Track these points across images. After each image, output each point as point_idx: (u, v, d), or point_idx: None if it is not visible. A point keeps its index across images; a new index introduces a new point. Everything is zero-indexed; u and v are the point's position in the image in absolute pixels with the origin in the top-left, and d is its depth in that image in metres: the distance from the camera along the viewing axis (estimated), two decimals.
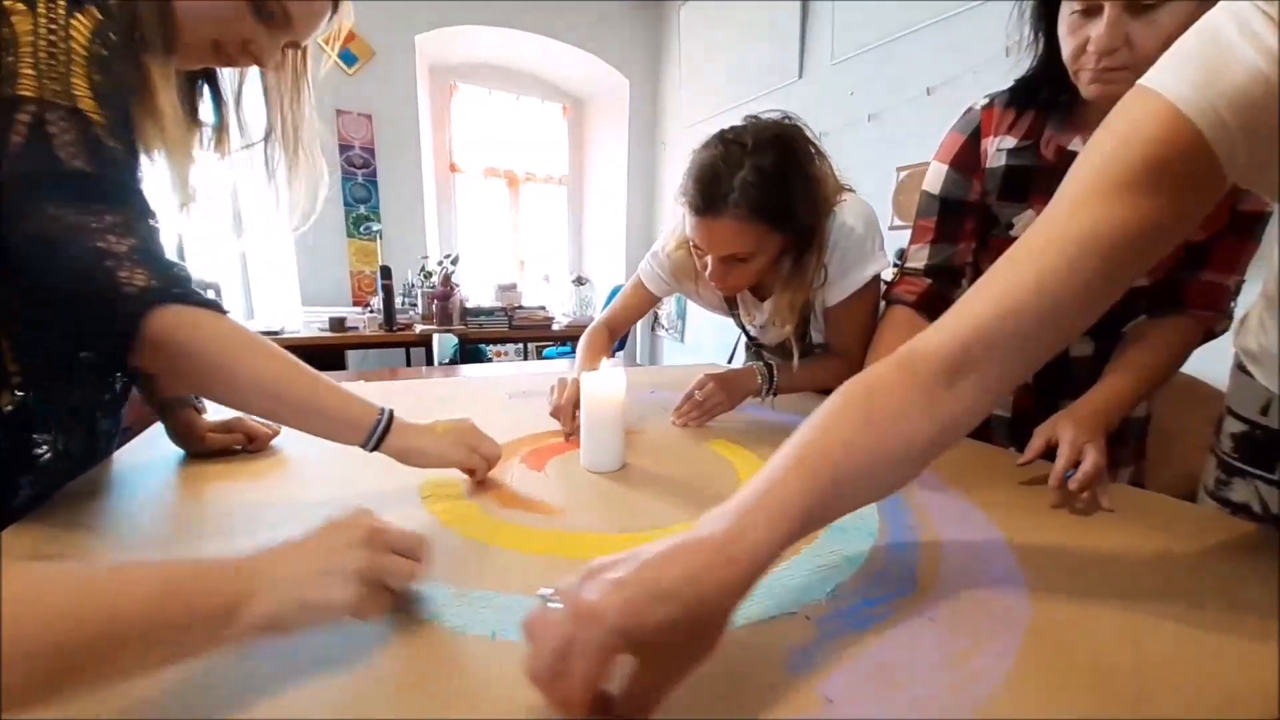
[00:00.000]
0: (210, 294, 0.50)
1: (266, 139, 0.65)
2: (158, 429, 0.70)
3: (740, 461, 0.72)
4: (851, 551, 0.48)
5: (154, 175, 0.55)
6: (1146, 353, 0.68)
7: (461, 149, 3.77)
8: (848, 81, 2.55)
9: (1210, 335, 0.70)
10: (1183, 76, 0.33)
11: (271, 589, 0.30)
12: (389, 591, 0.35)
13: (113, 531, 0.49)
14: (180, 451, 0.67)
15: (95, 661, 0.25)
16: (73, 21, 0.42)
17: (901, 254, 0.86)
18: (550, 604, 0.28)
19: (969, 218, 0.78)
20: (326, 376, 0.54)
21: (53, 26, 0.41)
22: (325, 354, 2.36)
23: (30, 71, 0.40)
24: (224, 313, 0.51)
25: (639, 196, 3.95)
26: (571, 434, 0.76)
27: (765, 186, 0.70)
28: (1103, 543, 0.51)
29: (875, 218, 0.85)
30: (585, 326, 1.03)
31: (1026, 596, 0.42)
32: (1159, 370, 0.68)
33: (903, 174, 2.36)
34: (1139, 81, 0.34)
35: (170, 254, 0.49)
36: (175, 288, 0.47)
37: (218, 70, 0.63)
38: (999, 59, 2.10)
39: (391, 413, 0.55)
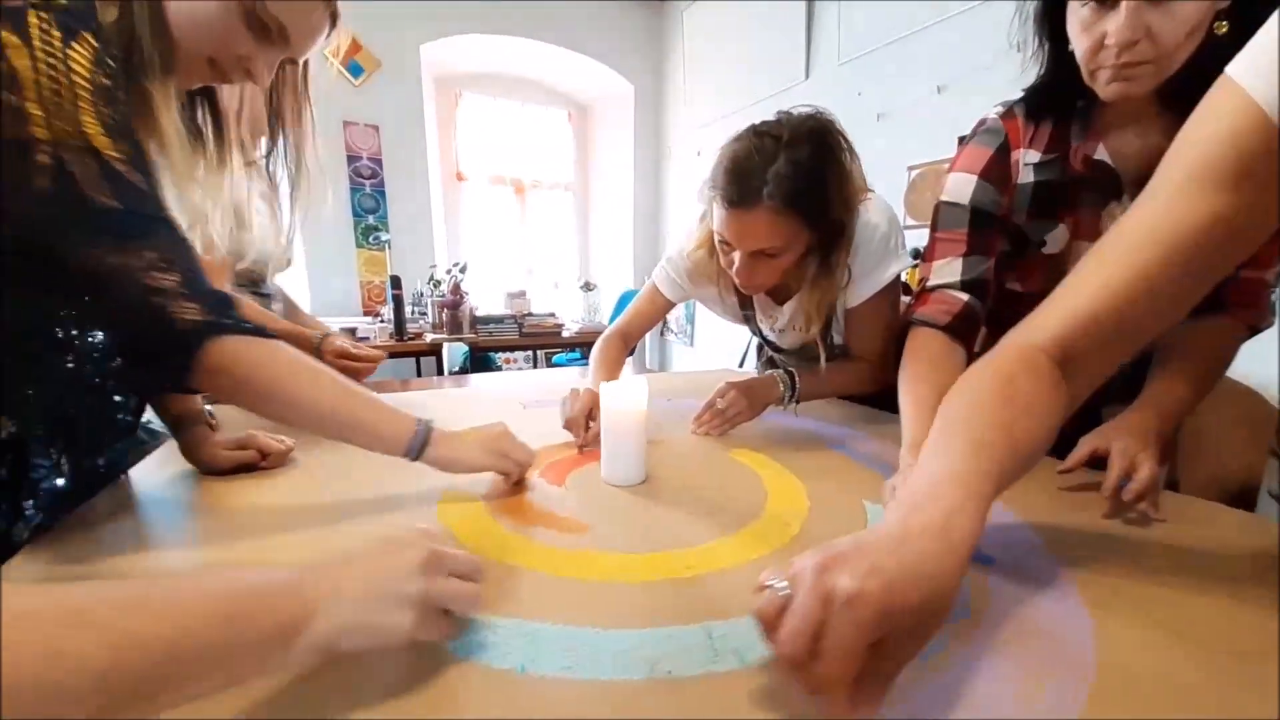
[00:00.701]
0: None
1: (268, 157, 0.65)
2: (171, 447, 0.69)
3: (765, 470, 0.69)
4: None
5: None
6: (1194, 356, 0.64)
7: (467, 157, 3.78)
8: (855, 81, 2.53)
9: (1254, 331, 0.67)
10: (1262, 72, 0.32)
11: (333, 609, 0.30)
12: (448, 616, 0.34)
13: (130, 553, 0.48)
14: (194, 469, 0.65)
15: (159, 686, 0.24)
16: (70, 53, 0.41)
17: (917, 255, 0.84)
18: (780, 593, 0.29)
19: (998, 233, 0.73)
20: (370, 392, 0.56)
21: (51, 61, 0.40)
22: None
23: (37, 111, 0.39)
24: (271, 337, 0.53)
25: (645, 200, 3.94)
26: (585, 446, 0.74)
27: (800, 179, 0.68)
28: (1153, 552, 0.49)
29: (896, 216, 0.83)
30: (595, 332, 1.02)
31: (1086, 618, 0.39)
32: (1208, 374, 0.65)
33: (914, 172, 2.33)
34: (1226, 71, 0.32)
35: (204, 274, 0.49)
36: (225, 318, 0.50)
37: (217, 89, 0.62)
38: (1010, 55, 2.07)
39: (430, 424, 0.57)
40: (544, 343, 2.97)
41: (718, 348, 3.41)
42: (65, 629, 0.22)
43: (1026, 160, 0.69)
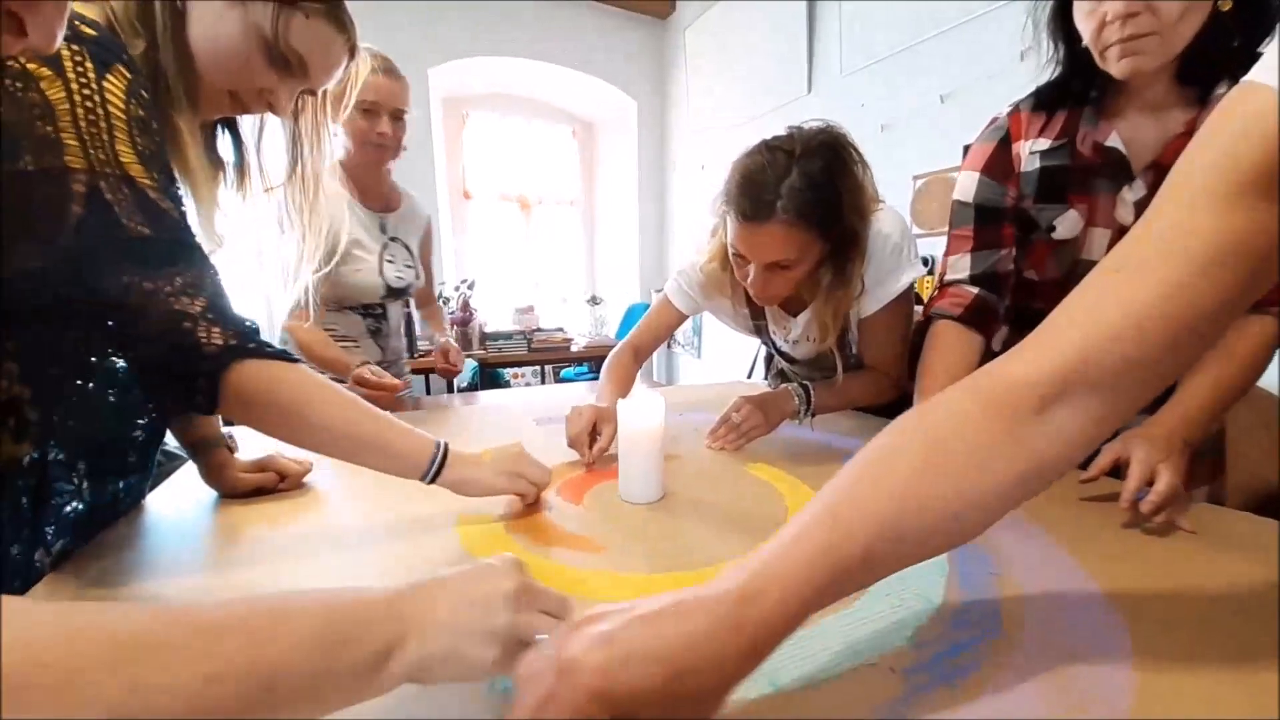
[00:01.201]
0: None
1: (288, 183, 0.66)
2: (189, 470, 0.70)
3: (784, 486, 0.68)
4: (923, 587, 0.45)
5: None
6: (1224, 360, 0.62)
7: (474, 175, 3.83)
8: (858, 93, 2.54)
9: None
10: None
11: (424, 633, 0.28)
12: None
13: (153, 579, 0.48)
14: (213, 492, 0.66)
15: (260, 715, 0.23)
16: (105, 84, 0.42)
17: (928, 263, 0.84)
18: (544, 652, 0.27)
19: (1006, 223, 0.75)
20: (389, 415, 0.57)
21: (86, 92, 0.40)
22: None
23: (73, 141, 0.40)
24: (295, 361, 0.54)
25: (649, 214, 3.97)
26: (593, 463, 0.74)
27: (813, 192, 0.69)
28: (1188, 568, 0.48)
29: (908, 226, 0.83)
30: (603, 346, 1.03)
31: (1124, 638, 0.38)
32: (1241, 378, 0.62)
33: (919, 182, 2.33)
34: (1245, 78, 0.31)
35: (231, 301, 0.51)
36: (250, 343, 0.51)
37: (238, 118, 0.63)
38: (1012, 64, 2.08)
39: (446, 446, 0.57)
40: (552, 358, 2.98)
41: (725, 360, 3.40)
42: (153, 658, 0.21)
43: (1032, 149, 0.71)
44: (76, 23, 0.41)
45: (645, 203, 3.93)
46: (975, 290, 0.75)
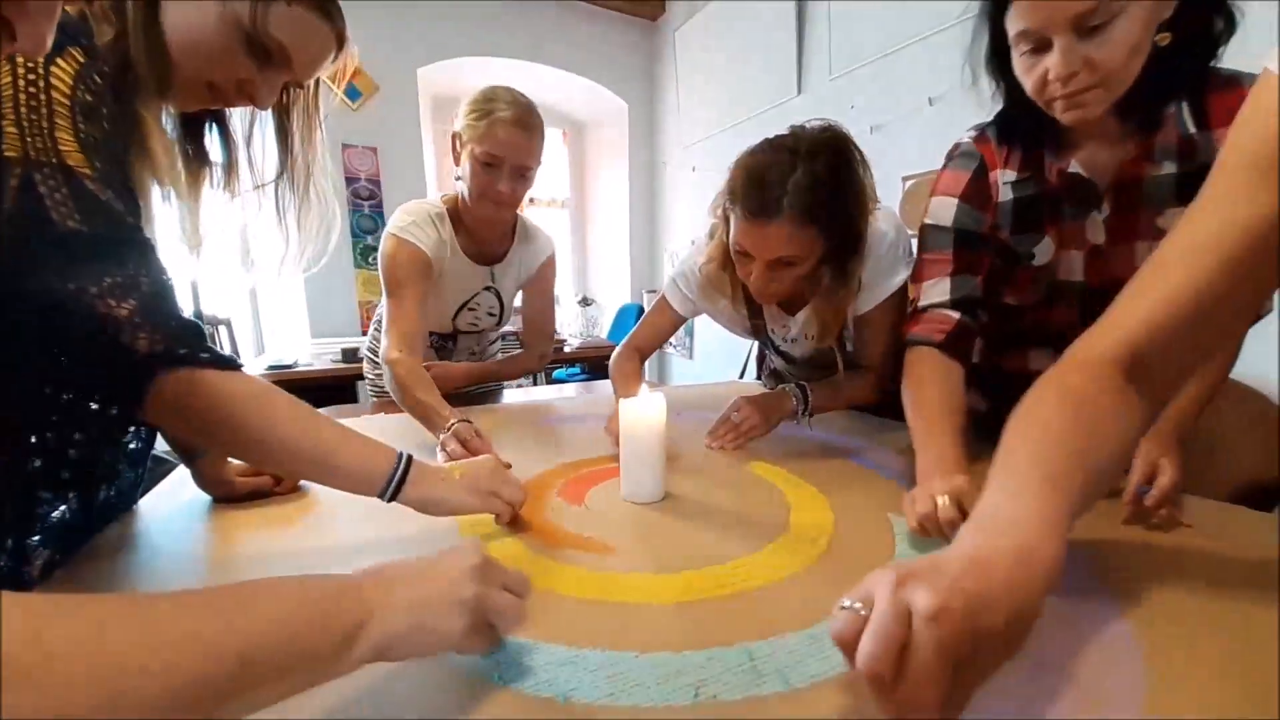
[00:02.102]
0: (221, 331, 0.48)
1: (278, 180, 0.63)
2: (181, 474, 0.68)
3: (784, 484, 0.69)
4: None
5: (165, 216, 0.54)
6: None
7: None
8: (848, 95, 2.56)
9: (1256, 319, 0.68)
10: None
11: (388, 613, 0.30)
12: (494, 630, 0.34)
13: (149, 585, 0.47)
14: (207, 497, 0.64)
15: (228, 695, 0.24)
16: (53, 69, 0.39)
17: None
18: (859, 613, 0.27)
19: (984, 251, 0.74)
20: (348, 425, 0.53)
21: (31, 77, 0.38)
22: (338, 386, 2.35)
23: (12, 130, 0.38)
24: (236, 368, 0.50)
25: (641, 216, 3.97)
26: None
27: (819, 191, 0.70)
28: (1187, 561, 0.48)
29: (903, 225, 0.84)
30: (595, 346, 1.03)
31: (1129, 634, 0.39)
32: (1221, 374, 0.65)
33: (909, 183, 2.35)
34: (1266, 65, 0.32)
35: (180, 304, 0.47)
36: (181, 348, 0.47)
37: (227, 111, 0.61)
38: None
39: (409, 461, 0.52)
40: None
41: (717, 360, 3.41)
42: (142, 640, 0.22)
43: (1004, 180, 0.71)
44: None
45: (636, 204, 3.93)
46: (957, 315, 0.72)
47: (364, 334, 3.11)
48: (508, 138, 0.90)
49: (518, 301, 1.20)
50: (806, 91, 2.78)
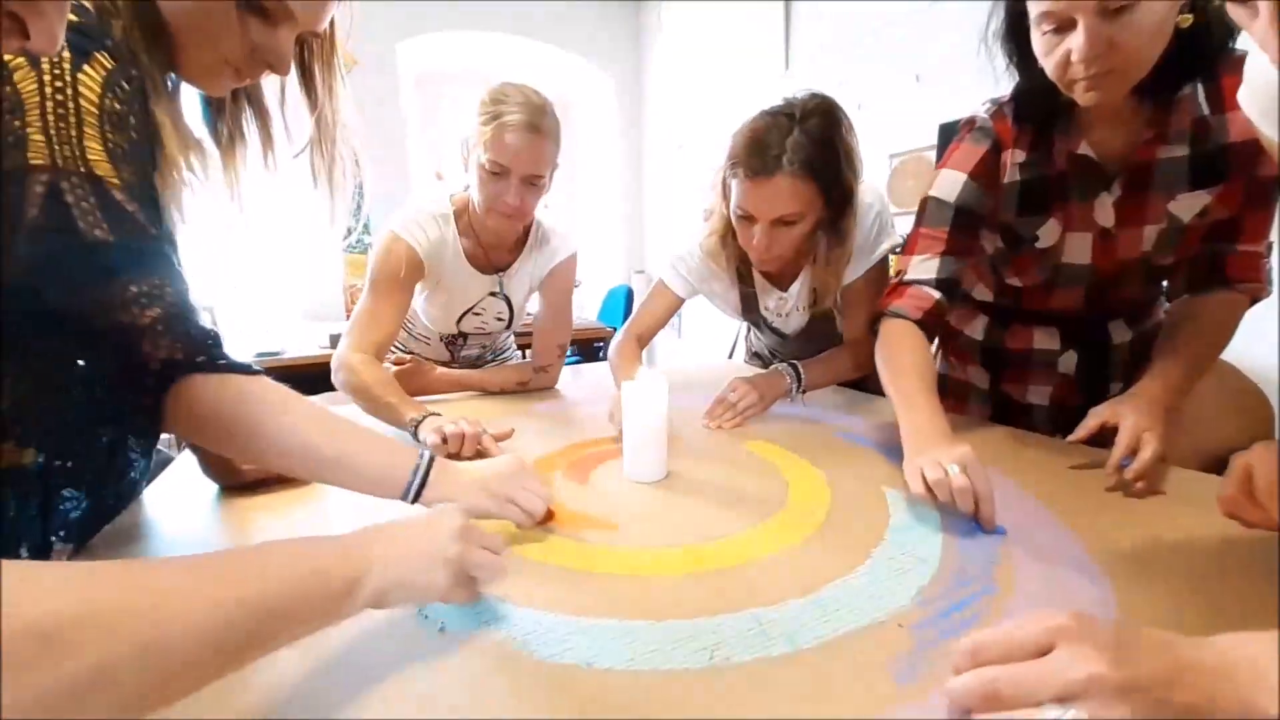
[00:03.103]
0: (208, 318, 0.49)
1: (310, 144, 0.60)
2: (186, 461, 0.69)
3: (781, 461, 0.71)
4: (923, 551, 0.48)
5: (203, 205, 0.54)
6: (1199, 332, 0.68)
7: (448, 156, 3.73)
8: (835, 72, 2.55)
9: (1254, 302, 0.71)
10: None
11: (381, 567, 0.34)
12: (475, 583, 0.39)
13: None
14: (213, 485, 0.65)
15: (255, 641, 0.28)
16: (80, 76, 0.39)
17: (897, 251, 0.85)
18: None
19: (980, 233, 0.75)
20: (362, 427, 0.53)
21: (58, 85, 0.38)
22: (327, 372, 2.32)
23: (39, 137, 0.37)
24: (255, 374, 0.51)
25: (628, 194, 3.94)
26: None
27: (815, 148, 0.74)
28: (1163, 525, 0.52)
29: (884, 195, 0.90)
30: (584, 329, 1.03)
31: (1109, 590, 0.42)
32: (1213, 347, 0.68)
33: (895, 161, 2.36)
34: None
35: (199, 311, 0.48)
36: (200, 355, 0.47)
37: (258, 88, 0.58)
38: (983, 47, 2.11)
39: (431, 461, 0.52)
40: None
41: (706, 340, 3.43)
42: (177, 599, 0.26)
43: (1014, 160, 0.71)
44: None
45: (623, 181, 3.90)
46: (937, 295, 0.73)
47: (349, 318, 3.07)
48: (516, 145, 0.84)
49: (532, 304, 1.14)
50: (794, 68, 2.76)
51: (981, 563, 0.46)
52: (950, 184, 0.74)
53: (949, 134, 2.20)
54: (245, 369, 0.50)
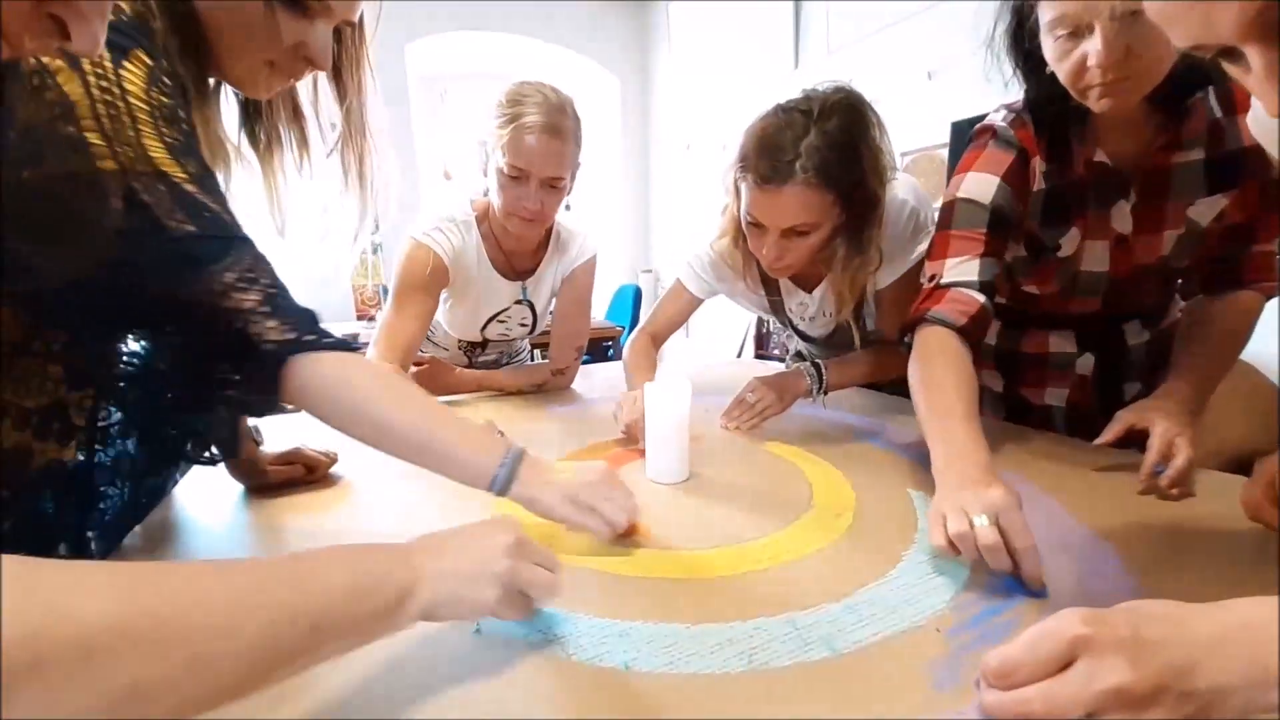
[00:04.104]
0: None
1: (340, 141, 0.60)
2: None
3: (803, 463, 0.71)
4: (952, 572, 0.47)
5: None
6: (1218, 333, 0.68)
7: (455, 155, 3.74)
8: (845, 71, 2.52)
9: (1268, 299, 0.70)
10: None
11: (432, 580, 0.33)
12: (528, 599, 0.38)
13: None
14: (239, 486, 0.65)
15: (304, 652, 0.27)
16: (123, 74, 0.39)
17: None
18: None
19: (1011, 238, 0.72)
20: (460, 417, 0.54)
21: (104, 84, 0.37)
22: None
23: (99, 141, 0.38)
24: (357, 350, 0.52)
25: (634, 194, 3.94)
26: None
27: (833, 152, 0.67)
28: (1191, 527, 0.52)
29: (924, 193, 0.83)
30: (593, 330, 1.01)
31: (1140, 593, 0.41)
32: (1233, 347, 0.68)
33: (907, 159, 2.35)
34: None
35: (288, 290, 0.48)
36: (309, 334, 0.48)
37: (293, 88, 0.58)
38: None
39: (520, 455, 0.51)
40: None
41: (714, 338, 3.43)
42: (225, 607, 0.25)
43: (1039, 169, 0.70)
44: None
45: (629, 183, 3.90)
46: (982, 299, 0.66)
47: (359, 318, 3.09)
48: (535, 147, 0.82)
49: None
50: (804, 67, 2.75)
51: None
52: (983, 186, 0.69)
53: (961, 132, 2.19)
54: (349, 346, 0.52)
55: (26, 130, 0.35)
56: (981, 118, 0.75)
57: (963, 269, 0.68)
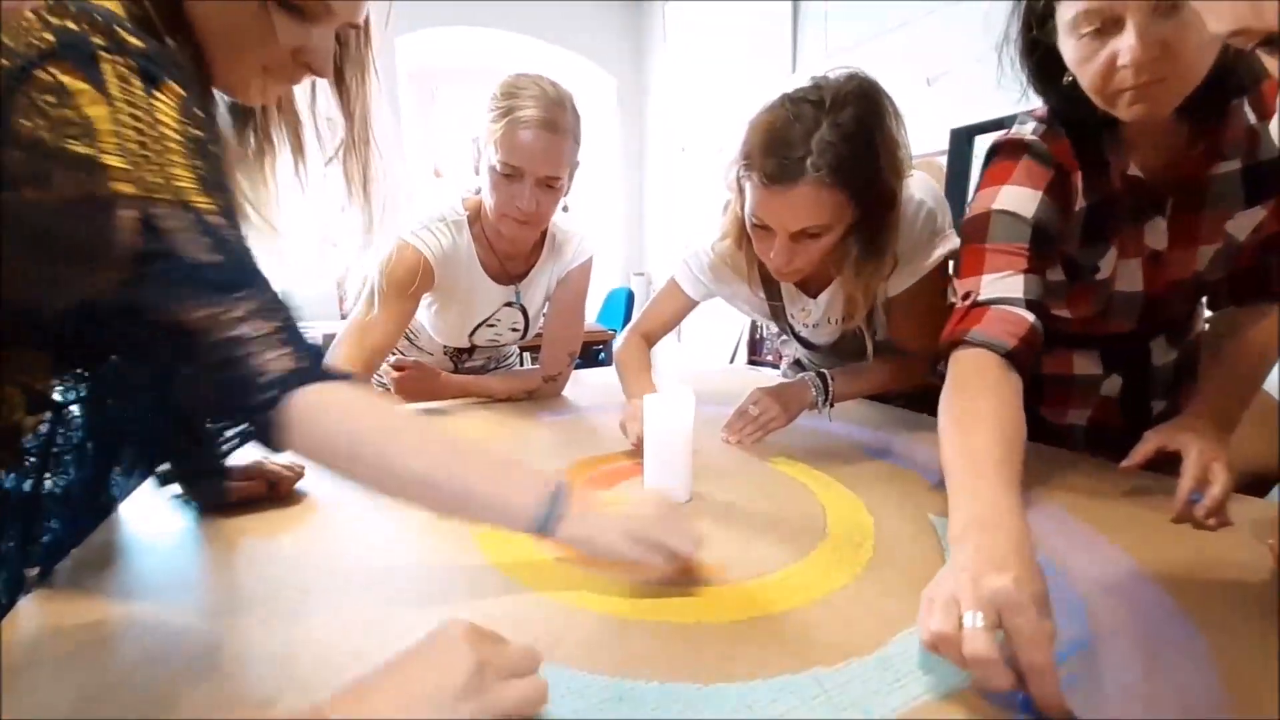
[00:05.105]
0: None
1: (342, 148, 0.56)
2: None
3: (812, 482, 0.66)
4: None
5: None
6: (1249, 348, 0.64)
7: (446, 153, 3.67)
8: None
9: None
10: None
11: None
12: None
13: (135, 604, 0.42)
14: (194, 502, 0.59)
15: None
16: (155, 103, 0.36)
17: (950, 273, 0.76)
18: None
19: (1053, 258, 0.65)
20: (489, 451, 0.47)
21: (135, 111, 0.35)
22: None
23: (120, 164, 0.34)
24: (360, 383, 0.46)
25: (628, 195, 3.90)
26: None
27: (847, 146, 0.61)
28: (1230, 555, 0.47)
29: (941, 193, 0.78)
30: (585, 331, 0.96)
31: (1195, 634, 0.37)
32: (1265, 363, 0.64)
33: None
34: None
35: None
36: (315, 364, 0.43)
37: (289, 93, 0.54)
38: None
39: (563, 488, 0.44)
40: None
41: (705, 343, 3.38)
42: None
43: (1078, 185, 0.64)
44: (120, 30, 0.35)
45: (622, 184, 3.86)
46: (1031, 318, 0.58)
47: (343, 317, 3.01)
48: (531, 144, 0.76)
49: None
50: (801, 71, 2.73)
51: (1060, 605, 0.41)
52: (1024, 200, 0.62)
53: (960, 139, 2.17)
54: (349, 377, 0.46)
55: (31, 146, 0.32)
56: (982, 124, 0.70)
57: (1005, 285, 0.60)
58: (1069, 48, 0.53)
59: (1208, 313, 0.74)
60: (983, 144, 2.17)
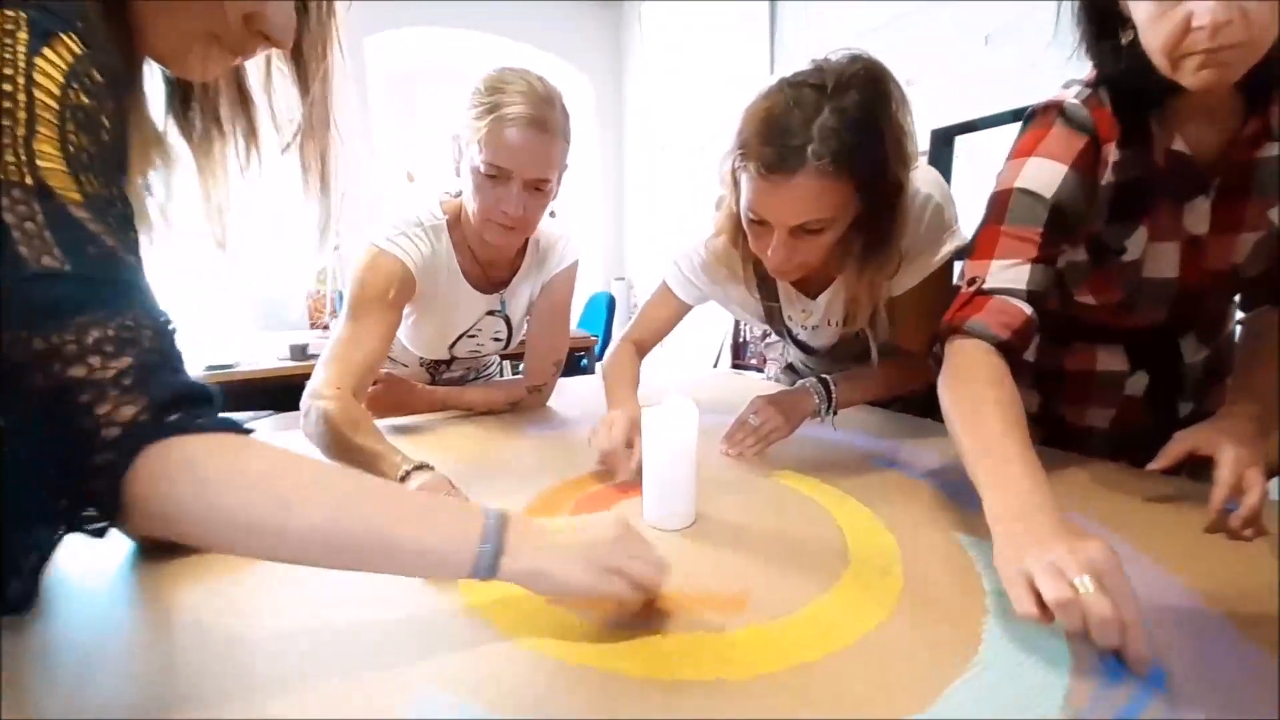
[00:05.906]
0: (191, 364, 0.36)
1: (299, 134, 0.49)
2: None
3: (824, 498, 0.61)
4: (1049, 650, 0.38)
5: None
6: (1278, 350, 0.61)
7: (420, 156, 3.58)
8: None
9: None
10: None
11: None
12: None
13: (59, 669, 0.35)
14: (130, 544, 0.51)
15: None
16: (36, 61, 0.29)
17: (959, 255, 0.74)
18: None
19: (1072, 240, 0.62)
20: (408, 491, 0.42)
21: (7, 72, 0.29)
22: (287, 386, 2.15)
23: None
24: (246, 433, 0.36)
25: (607, 197, 3.85)
26: (632, 479, 0.62)
27: (851, 133, 0.56)
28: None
29: (947, 186, 0.73)
30: None
31: (1263, 658, 0.33)
32: None
33: None
34: None
35: (181, 355, 0.35)
36: (172, 414, 0.33)
37: (241, 70, 0.48)
38: (979, 48, 2.09)
39: (503, 521, 0.38)
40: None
41: (688, 348, 3.35)
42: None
43: (1112, 158, 0.60)
44: None
45: (603, 186, 3.81)
46: (1029, 311, 0.58)
47: (312, 327, 2.88)
48: (518, 143, 0.70)
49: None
50: (779, 70, 2.71)
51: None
52: (1046, 175, 0.59)
53: (940, 141, 2.17)
54: (236, 426, 0.36)
55: None
56: (961, 125, 0.66)
57: (1011, 274, 0.59)
58: (1138, 7, 0.50)
59: (1239, 314, 0.71)
60: (963, 145, 2.18)
